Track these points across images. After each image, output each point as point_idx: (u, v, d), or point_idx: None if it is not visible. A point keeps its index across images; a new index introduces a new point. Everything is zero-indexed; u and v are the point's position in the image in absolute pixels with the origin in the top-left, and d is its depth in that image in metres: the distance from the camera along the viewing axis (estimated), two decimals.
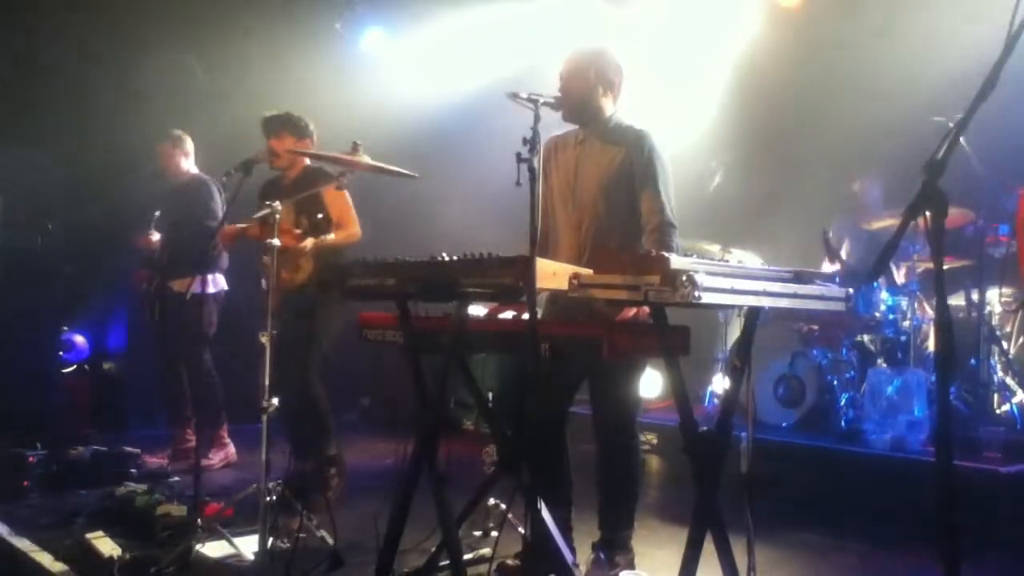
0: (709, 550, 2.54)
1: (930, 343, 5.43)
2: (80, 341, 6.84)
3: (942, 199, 1.81)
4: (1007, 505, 4.15)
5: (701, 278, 2.17)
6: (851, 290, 2.69)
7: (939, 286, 1.85)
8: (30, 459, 5.01)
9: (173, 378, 5.51)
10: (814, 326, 5.84)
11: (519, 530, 3.42)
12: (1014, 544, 3.90)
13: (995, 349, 5.19)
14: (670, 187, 3.36)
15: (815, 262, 5.84)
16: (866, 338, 5.74)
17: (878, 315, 5.48)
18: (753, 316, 2.67)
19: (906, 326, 5.42)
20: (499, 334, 2.92)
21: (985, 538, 3.68)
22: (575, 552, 3.28)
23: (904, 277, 5.64)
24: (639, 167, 3.33)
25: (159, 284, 5.43)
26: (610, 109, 3.47)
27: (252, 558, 3.48)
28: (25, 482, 4.77)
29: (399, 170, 3.77)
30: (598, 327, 2.69)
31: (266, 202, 3.67)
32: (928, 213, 1.82)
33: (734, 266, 2.50)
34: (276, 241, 3.61)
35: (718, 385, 6.06)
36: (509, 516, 3.35)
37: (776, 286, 2.46)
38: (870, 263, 2.14)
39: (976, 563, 2.22)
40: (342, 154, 3.75)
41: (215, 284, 5.42)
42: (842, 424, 5.33)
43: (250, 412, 3.87)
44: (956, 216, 5.17)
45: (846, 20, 6.21)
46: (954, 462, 1.87)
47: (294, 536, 3.53)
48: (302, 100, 5.01)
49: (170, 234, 5.38)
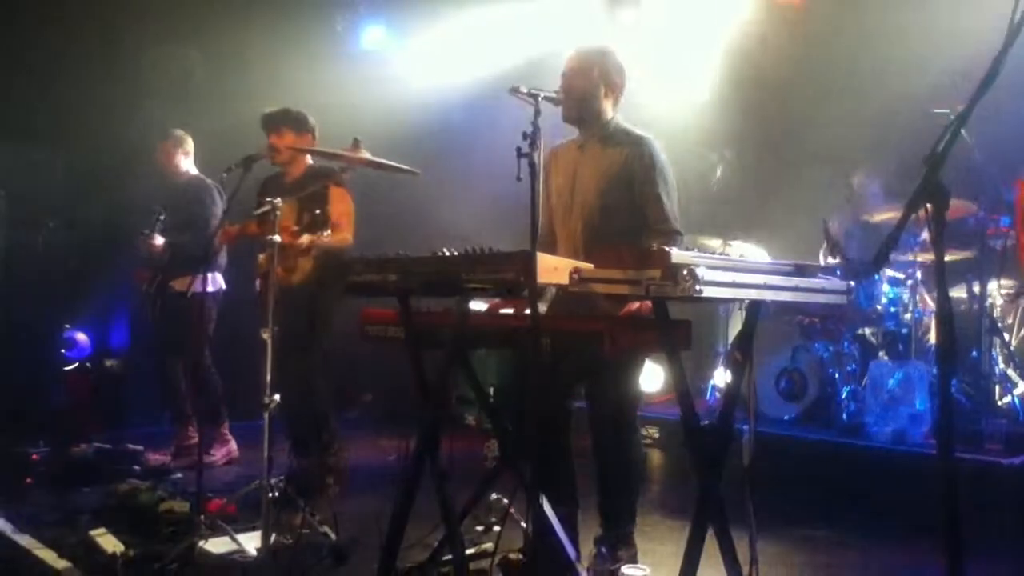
0: (711, 544, 2.54)
1: (931, 335, 5.42)
2: (82, 339, 6.83)
3: (943, 192, 1.81)
4: (1009, 497, 4.15)
5: (702, 272, 2.16)
6: (852, 283, 2.69)
7: (940, 278, 1.85)
8: (33, 457, 5.05)
9: (174, 376, 5.52)
10: (815, 319, 5.84)
11: (521, 525, 3.42)
12: (1016, 536, 3.90)
13: (996, 341, 5.18)
14: (673, 194, 3.36)
15: (815, 255, 5.84)
16: (867, 331, 5.73)
17: (879, 308, 5.47)
18: (754, 310, 2.67)
19: (907, 319, 5.41)
20: (500, 329, 2.92)
21: (987, 530, 3.67)
22: (578, 547, 3.28)
23: None
24: (640, 173, 3.32)
25: (160, 284, 5.44)
26: (611, 112, 3.45)
27: (255, 554, 3.49)
28: (28, 480, 4.79)
29: (400, 166, 3.77)
30: (599, 322, 2.68)
31: (266, 199, 3.68)
32: (929, 206, 1.82)
33: (735, 260, 2.49)
34: (277, 237, 3.61)
35: (719, 379, 6.05)
36: (511, 511, 3.35)
37: (777, 279, 2.46)
38: (871, 256, 2.14)
39: (978, 555, 2.22)
40: (343, 150, 3.75)
41: (214, 283, 5.42)
42: (844, 417, 5.32)
43: (249, 409, 3.87)
44: (957, 208, 5.16)
45: (846, 13, 6.20)
46: (956, 454, 1.87)
47: (297, 532, 3.55)
48: (303, 97, 5.00)
49: (171, 234, 5.39)
